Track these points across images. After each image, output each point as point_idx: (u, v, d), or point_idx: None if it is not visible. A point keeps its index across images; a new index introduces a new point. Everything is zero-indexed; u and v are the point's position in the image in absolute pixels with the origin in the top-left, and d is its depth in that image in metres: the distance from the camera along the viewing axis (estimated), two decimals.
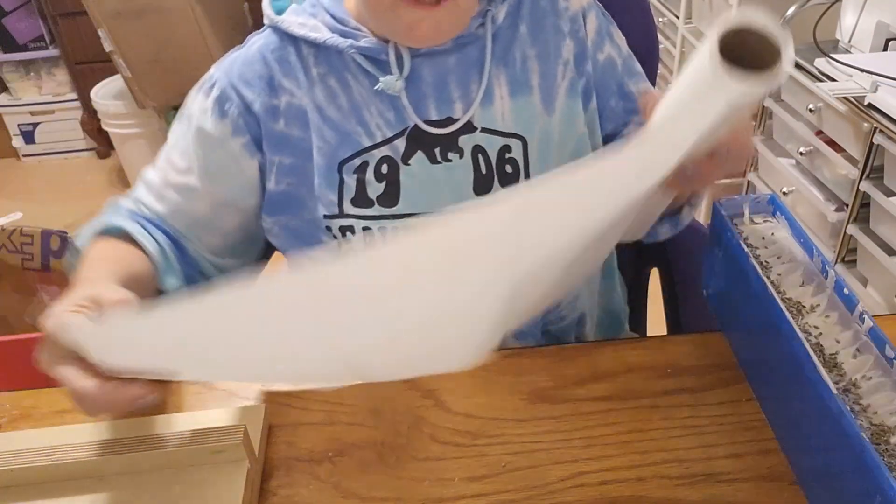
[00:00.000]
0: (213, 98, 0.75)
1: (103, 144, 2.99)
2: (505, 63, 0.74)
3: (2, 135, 3.02)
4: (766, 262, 0.69)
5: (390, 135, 0.74)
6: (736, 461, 0.64)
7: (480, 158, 0.75)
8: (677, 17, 2.33)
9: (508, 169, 0.75)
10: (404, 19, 0.66)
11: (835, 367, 0.59)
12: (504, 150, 0.75)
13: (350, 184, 0.74)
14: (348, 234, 0.76)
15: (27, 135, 3.01)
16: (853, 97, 1.47)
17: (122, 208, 0.78)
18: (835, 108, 1.56)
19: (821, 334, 0.62)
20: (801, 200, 1.81)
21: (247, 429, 0.61)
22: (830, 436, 0.54)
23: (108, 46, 2.36)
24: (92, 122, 2.90)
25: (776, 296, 0.64)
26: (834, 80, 1.56)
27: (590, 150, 0.80)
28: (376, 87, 0.72)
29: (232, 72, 0.75)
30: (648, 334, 1.06)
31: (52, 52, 2.85)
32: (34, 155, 3.06)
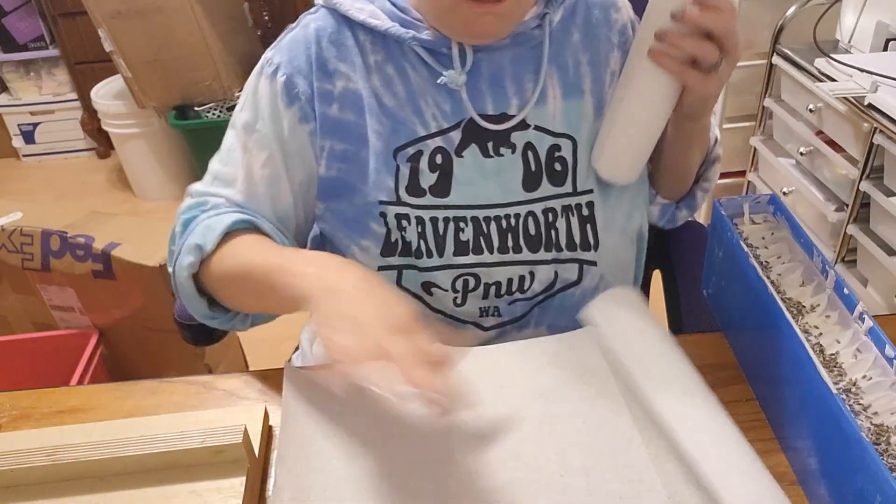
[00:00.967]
0: (281, 84, 0.74)
1: (103, 144, 2.99)
2: (558, 65, 0.76)
3: (2, 135, 3.02)
4: (766, 262, 0.69)
5: (446, 126, 0.74)
6: None
7: (530, 155, 0.76)
8: None
9: (557, 167, 0.77)
10: (465, 16, 0.67)
11: (835, 367, 0.59)
12: (554, 148, 0.76)
13: (404, 172, 0.75)
14: (404, 222, 0.75)
15: (27, 135, 3.02)
16: (853, 97, 1.47)
17: (221, 207, 0.75)
18: (835, 108, 1.56)
19: (821, 334, 0.62)
20: (801, 200, 1.81)
21: (247, 429, 0.61)
22: (830, 436, 0.54)
23: (108, 46, 2.36)
24: (92, 122, 2.90)
25: (776, 296, 0.64)
26: (834, 80, 1.56)
27: None
28: (439, 81, 0.73)
29: (293, 55, 0.74)
30: None
31: (52, 52, 2.85)
32: (34, 155, 3.06)
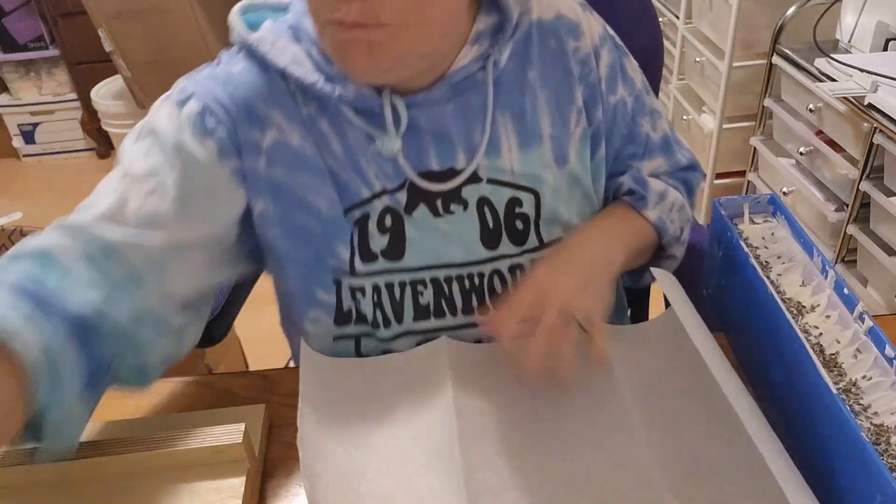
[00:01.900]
0: (194, 112, 0.63)
1: (103, 144, 2.99)
2: (512, 111, 0.68)
3: (2, 135, 3.02)
4: (766, 262, 0.69)
5: (390, 187, 0.67)
6: None
7: (487, 211, 0.69)
8: (677, 17, 2.33)
9: (518, 225, 0.70)
10: (335, 42, 0.58)
11: (835, 367, 0.59)
12: (514, 202, 0.70)
13: (354, 236, 0.68)
14: (358, 295, 0.69)
15: (27, 135, 3.01)
16: (853, 97, 1.47)
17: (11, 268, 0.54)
18: (835, 108, 1.56)
19: (821, 334, 0.62)
20: (801, 200, 1.80)
21: (247, 429, 0.61)
22: (830, 436, 0.54)
23: (108, 46, 2.36)
24: (92, 122, 2.90)
25: (776, 296, 0.64)
26: (834, 80, 1.56)
27: (595, 202, 0.76)
28: (371, 150, 0.65)
29: (211, 87, 0.64)
30: None
31: (52, 52, 2.85)
32: (34, 155, 3.06)
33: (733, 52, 1.96)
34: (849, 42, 1.68)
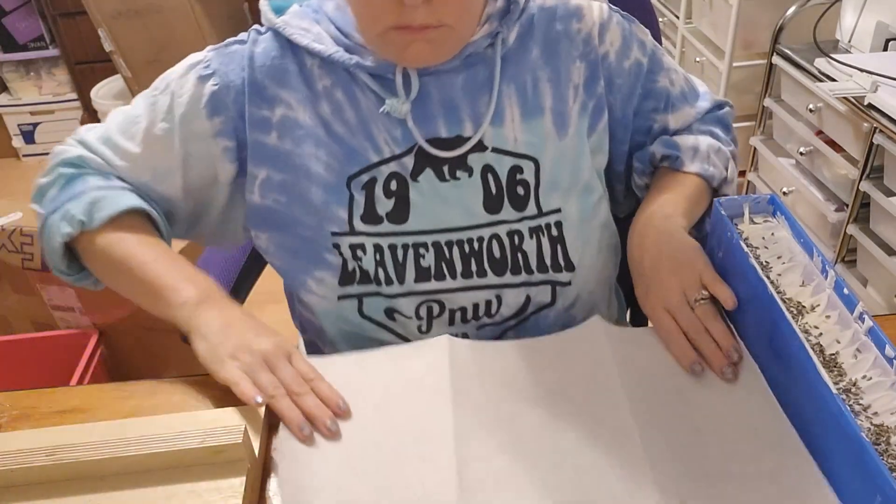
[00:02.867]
0: (209, 91, 0.72)
1: None
2: (516, 84, 0.74)
3: (2, 135, 3.02)
4: (766, 262, 0.69)
5: (398, 151, 0.73)
6: None
7: (490, 178, 0.74)
8: (677, 17, 2.34)
9: (519, 191, 0.75)
10: (396, 43, 0.66)
11: (835, 367, 0.59)
12: (515, 170, 0.75)
13: (359, 200, 0.73)
14: (359, 252, 0.74)
15: (27, 135, 3.01)
16: (853, 97, 1.47)
17: (112, 178, 0.76)
18: (835, 108, 1.56)
19: (821, 334, 0.62)
20: (801, 200, 1.80)
21: (247, 429, 0.61)
22: (830, 436, 0.54)
23: (108, 46, 2.36)
24: (92, 122, 2.90)
25: (776, 296, 0.64)
26: (834, 80, 1.56)
27: (595, 173, 0.80)
28: (381, 111, 0.71)
29: (230, 68, 0.73)
30: None
31: (52, 52, 2.85)
32: (34, 155, 3.06)
33: (733, 52, 1.96)
34: (849, 42, 1.68)
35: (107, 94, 2.64)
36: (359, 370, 0.70)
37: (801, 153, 1.73)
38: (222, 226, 0.81)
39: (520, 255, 0.76)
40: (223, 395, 0.72)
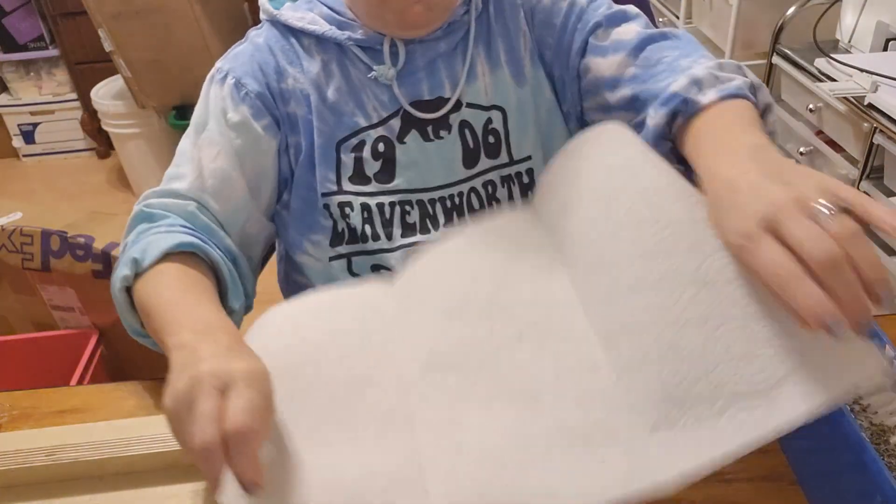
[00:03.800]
0: (230, 86, 0.77)
1: (103, 144, 2.99)
2: (483, 41, 0.79)
3: (2, 135, 3.03)
4: None
5: (385, 115, 0.78)
6: (736, 461, 0.64)
7: (467, 133, 0.79)
8: (677, 17, 2.34)
9: (491, 139, 0.79)
10: (396, 7, 0.71)
11: None
12: (487, 122, 0.79)
13: (348, 162, 0.78)
14: (346, 210, 0.78)
15: (27, 135, 3.02)
16: (853, 97, 1.47)
17: (175, 225, 0.71)
18: (835, 108, 1.56)
19: None
20: None
21: None
22: (830, 436, 0.54)
23: (108, 46, 2.36)
24: (92, 122, 2.90)
25: None
26: (834, 80, 1.56)
27: (560, 116, 0.81)
28: (370, 76, 0.76)
29: (242, 62, 0.78)
30: None
31: (52, 52, 2.85)
32: (34, 155, 3.07)
33: (733, 52, 1.96)
34: (849, 42, 1.68)
35: (107, 94, 2.64)
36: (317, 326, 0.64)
37: (802, 153, 1.73)
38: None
39: (494, 204, 0.80)
40: None
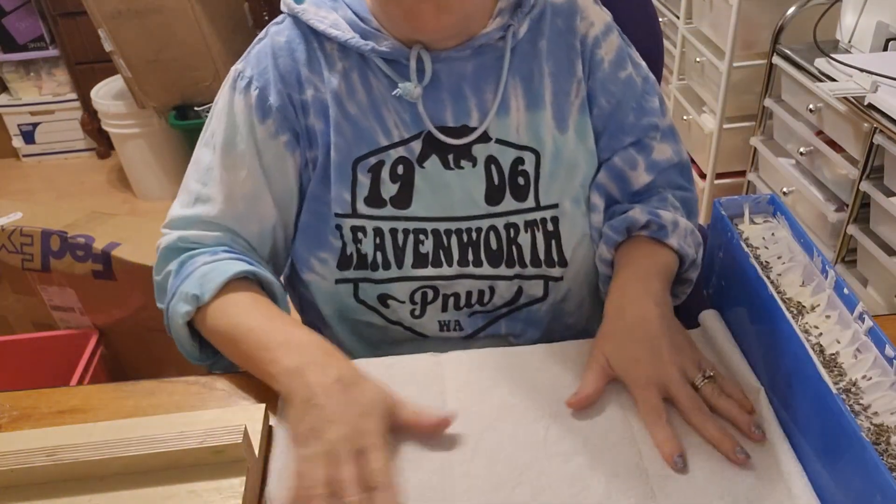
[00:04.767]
0: (255, 98, 0.74)
1: (103, 144, 2.99)
2: (522, 76, 0.75)
3: (2, 135, 3.02)
4: (766, 262, 0.69)
5: (407, 136, 0.74)
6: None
7: (493, 169, 0.75)
8: (677, 17, 2.34)
9: (520, 181, 0.76)
10: (404, 4, 0.67)
11: (835, 367, 0.59)
12: (517, 161, 0.75)
13: (364, 182, 0.74)
14: (359, 235, 0.75)
15: (27, 135, 3.01)
16: (853, 97, 1.47)
17: (218, 251, 0.74)
18: (835, 108, 1.56)
19: (821, 334, 0.62)
20: (801, 200, 1.81)
21: (247, 429, 0.61)
22: (830, 436, 0.54)
23: (108, 46, 2.36)
24: (92, 122, 2.90)
25: (776, 296, 0.64)
26: (834, 80, 1.56)
27: (597, 165, 0.79)
28: (394, 93, 0.72)
29: (262, 67, 0.74)
30: None
31: (52, 52, 2.85)
32: (34, 155, 3.06)
33: (733, 52, 1.96)
34: (849, 42, 1.68)
35: (107, 94, 2.64)
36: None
37: (802, 153, 1.73)
38: None
39: (514, 248, 0.77)
40: (223, 395, 0.72)
